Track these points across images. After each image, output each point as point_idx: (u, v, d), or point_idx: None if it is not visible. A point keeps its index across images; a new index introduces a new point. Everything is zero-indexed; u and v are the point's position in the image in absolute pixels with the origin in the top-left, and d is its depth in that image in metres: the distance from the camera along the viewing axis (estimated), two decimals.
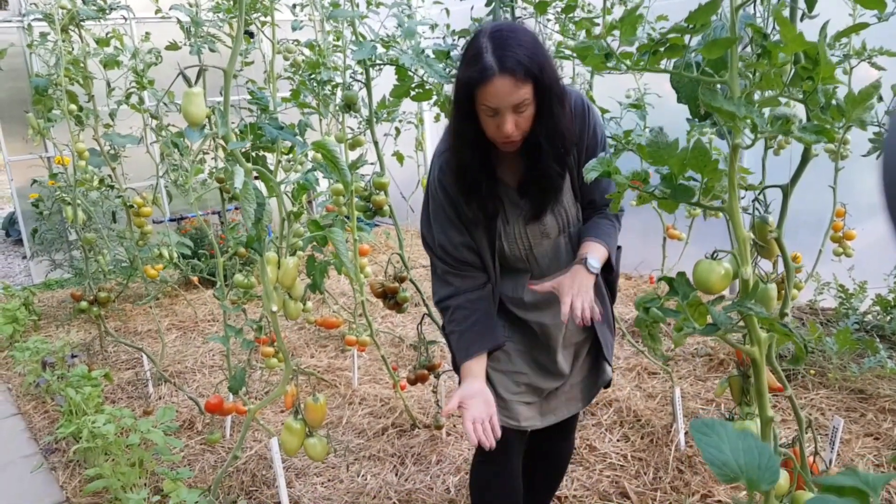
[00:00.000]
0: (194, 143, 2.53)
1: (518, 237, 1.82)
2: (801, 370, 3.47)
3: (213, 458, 3.13)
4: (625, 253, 2.02)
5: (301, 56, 3.90)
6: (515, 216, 1.80)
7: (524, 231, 1.82)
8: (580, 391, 2.03)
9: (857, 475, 0.64)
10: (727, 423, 0.66)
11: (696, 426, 0.68)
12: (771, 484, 0.62)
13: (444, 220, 1.81)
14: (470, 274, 1.84)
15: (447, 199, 1.79)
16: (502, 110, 1.55)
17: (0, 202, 11.55)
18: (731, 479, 0.63)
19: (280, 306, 1.96)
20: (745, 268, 1.19)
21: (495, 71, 1.51)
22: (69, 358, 3.95)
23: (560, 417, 2.01)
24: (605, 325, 1.98)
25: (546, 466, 2.26)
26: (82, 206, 3.66)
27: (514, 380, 1.92)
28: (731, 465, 0.63)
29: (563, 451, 2.26)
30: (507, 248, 1.83)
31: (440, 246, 1.83)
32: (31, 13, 3.71)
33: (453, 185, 1.76)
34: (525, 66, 1.51)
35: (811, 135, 1.06)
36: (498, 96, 1.53)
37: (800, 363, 1.24)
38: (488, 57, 1.52)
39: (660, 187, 1.20)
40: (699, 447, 0.65)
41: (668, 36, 1.09)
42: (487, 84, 1.52)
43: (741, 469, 0.63)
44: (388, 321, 4.75)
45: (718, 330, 1.12)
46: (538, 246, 1.84)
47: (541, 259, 1.86)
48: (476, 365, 1.77)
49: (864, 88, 1.12)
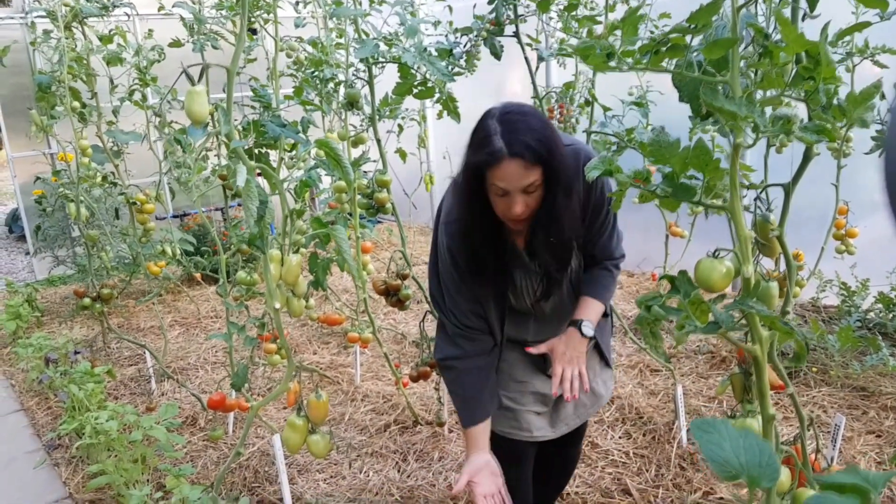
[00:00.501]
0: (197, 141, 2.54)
1: (525, 292, 1.85)
2: (804, 368, 3.48)
3: (215, 455, 3.14)
4: (628, 250, 2.03)
5: (304, 53, 3.90)
6: (524, 276, 1.83)
7: (532, 291, 1.85)
8: (588, 398, 2.04)
9: (858, 473, 0.65)
10: (728, 421, 0.67)
11: (698, 425, 0.69)
12: (771, 482, 0.62)
13: (452, 286, 1.83)
14: (478, 337, 1.85)
15: (454, 266, 1.80)
16: (512, 192, 1.56)
17: (3, 198, 11.58)
18: (732, 477, 0.64)
19: (283, 303, 1.97)
20: (746, 266, 1.19)
21: (504, 154, 1.51)
22: (72, 354, 3.96)
23: (572, 427, 2.03)
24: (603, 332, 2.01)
25: (555, 471, 2.29)
26: (85, 202, 3.66)
27: (520, 389, 1.94)
28: (731, 463, 0.64)
29: (572, 456, 2.30)
30: (513, 302, 1.87)
31: (450, 310, 1.84)
32: (35, 10, 3.72)
33: (462, 254, 1.78)
34: (534, 151, 1.52)
35: (812, 134, 1.06)
36: (507, 179, 1.54)
37: (801, 361, 1.24)
38: (497, 140, 1.52)
39: (661, 186, 1.20)
40: (700, 445, 0.66)
41: (670, 36, 1.10)
42: (496, 167, 1.53)
43: (742, 467, 0.63)
44: (391, 318, 4.76)
45: (720, 328, 1.12)
46: (544, 298, 1.88)
47: (545, 307, 1.90)
48: (481, 433, 1.81)
49: (866, 88, 1.13)
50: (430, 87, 2.61)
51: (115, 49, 3.75)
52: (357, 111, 2.73)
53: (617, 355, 3.87)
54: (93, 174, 3.57)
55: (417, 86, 2.61)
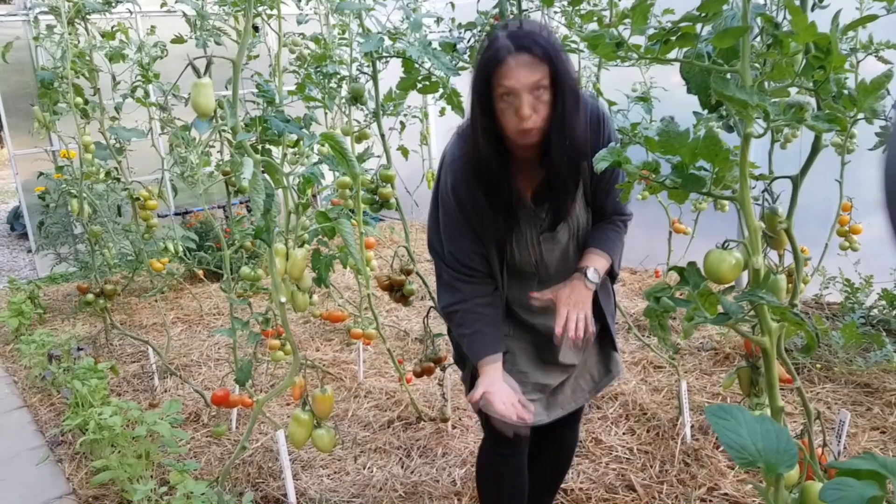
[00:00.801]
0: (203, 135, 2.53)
1: (530, 245, 1.82)
2: (808, 364, 3.47)
3: (219, 451, 3.14)
4: (630, 247, 2.02)
5: (307, 49, 3.90)
6: (529, 225, 1.80)
7: (536, 240, 1.81)
8: (586, 382, 2.03)
9: (875, 459, 0.64)
10: (742, 407, 0.67)
11: (713, 411, 0.68)
12: (789, 467, 0.62)
13: (454, 229, 1.80)
14: (479, 280, 1.83)
15: (459, 207, 1.77)
16: (519, 92, 1.54)
17: (5, 196, 11.58)
18: (749, 463, 0.63)
19: (288, 298, 1.96)
20: (756, 257, 1.18)
21: (511, 50, 1.53)
22: (75, 351, 3.96)
23: (566, 411, 2.01)
24: (611, 317, 1.99)
25: (551, 457, 2.26)
26: (88, 199, 3.66)
27: (519, 380, 1.92)
28: (748, 449, 0.63)
29: (567, 441, 2.25)
30: (517, 256, 1.83)
31: (449, 253, 1.82)
32: (37, 6, 3.71)
33: (469, 190, 1.75)
34: (542, 47, 1.53)
35: (824, 123, 1.06)
36: (515, 76, 1.53)
37: (811, 353, 1.24)
38: (503, 40, 1.54)
39: (670, 177, 1.19)
40: (717, 431, 0.65)
41: (680, 25, 1.09)
42: (503, 64, 1.53)
43: (759, 453, 0.63)
44: (393, 315, 4.76)
45: (730, 319, 1.11)
46: (548, 253, 1.84)
47: (550, 265, 1.85)
48: (491, 368, 1.78)
49: (877, 78, 1.12)
50: (434, 81, 2.61)
51: (117, 45, 3.75)
52: (361, 106, 2.72)
53: (620, 352, 3.85)
54: (96, 170, 3.57)
55: (421, 81, 2.61)
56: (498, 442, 2.00)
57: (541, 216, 1.79)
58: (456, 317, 1.83)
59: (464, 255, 1.79)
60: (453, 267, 1.82)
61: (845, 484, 0.61)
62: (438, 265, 1.88)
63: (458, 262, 1.80)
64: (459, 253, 1.80)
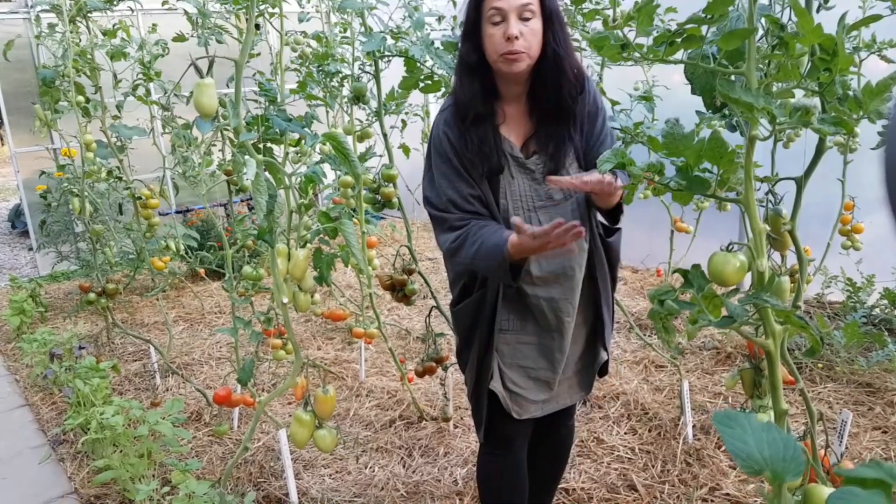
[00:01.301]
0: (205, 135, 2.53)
1: (522, 197, 1.80)
2: (809, 364, 3.47)
3: (220, 450, 3.14)
4: (632, 246, 2.01)
5: (308, 48, 3.89)
6: (520, 174, 1.79)
7: (529, 191, 1.80)
8: (580, 380, 2.04)
9: (881, 467, 0.64)
10: (751, 415, 0.66)
11: (720, 418, 0.68)
12: (796, 476, 0.62)
13: (450, 173, 1.78)
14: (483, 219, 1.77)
15: (452, 150, 1.77)
16: (508, 13, 1.61)
17: (6, 194, 11.58)
18: (756, 472, 0.63)
19: (290, 298, 1.96)
20: (760, 260, 1.18)
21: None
22: (76, 349, 3.95)
23: (561, 405, 2.02)
24: (607, 307, 1.98)
25: (549, 452, 2.26)
26: (90, 197, 3.66)
27: (525, 374, 1.91)
28: (755, 458, 0.63)
29: (563, 437, 2.26)
30: (511, 209, 1.79)
31: (449, 200, 1.77)
32: (39, 4, 3.71)
33: (458, 135, 1.76)
34: None
35: (830, 126, 1.05)
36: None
37: (815, 355, 1.23)
38: None
39: (675, 179, 1.19)
40: (724, 439, 0.65)
41: (686, 26, 1.09)
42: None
43: (766, 461, 0.62)
44: (395, 314, 4.75)
45: (734, 322, 1.11)
46: (542, 209, 1.81)
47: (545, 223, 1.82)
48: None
49: (883, 80, 1.11)
50: (436, 80, 2.61)
51: (118, 44, 3.74)
52: (363, 105, 2.72)
53: (622, 351, 3.86)
54: (97, 169, 3.57)
55: (424, 80, 2.61)
56: (497, 441, 2.02)
57: (531, 168, 1.79)
58: (467, 239, 1.73)
59: (463, 199, 1.77)
60: (454, 213, 1.77)
61: (851, 493, 0.61)
62: (439, 217, 1.81)
63: (457, 207, 1.77)
64: (458, 198, 1.77)
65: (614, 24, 1.09)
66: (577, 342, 1.96)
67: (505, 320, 1.89)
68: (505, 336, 1.90)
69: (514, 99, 1.78)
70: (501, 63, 1.66)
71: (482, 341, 1.89)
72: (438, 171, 1.81)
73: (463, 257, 1.75)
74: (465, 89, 1.73)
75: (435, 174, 1.82)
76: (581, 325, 1.95)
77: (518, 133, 1.80)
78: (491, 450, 2.07)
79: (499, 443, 2.02)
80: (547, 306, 1.84)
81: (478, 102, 1.73)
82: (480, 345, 1.90)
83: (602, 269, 1.93)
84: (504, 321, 1.89)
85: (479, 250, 1.70)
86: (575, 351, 1.97)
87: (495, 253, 1.66)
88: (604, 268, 1.94)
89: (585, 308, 1.93)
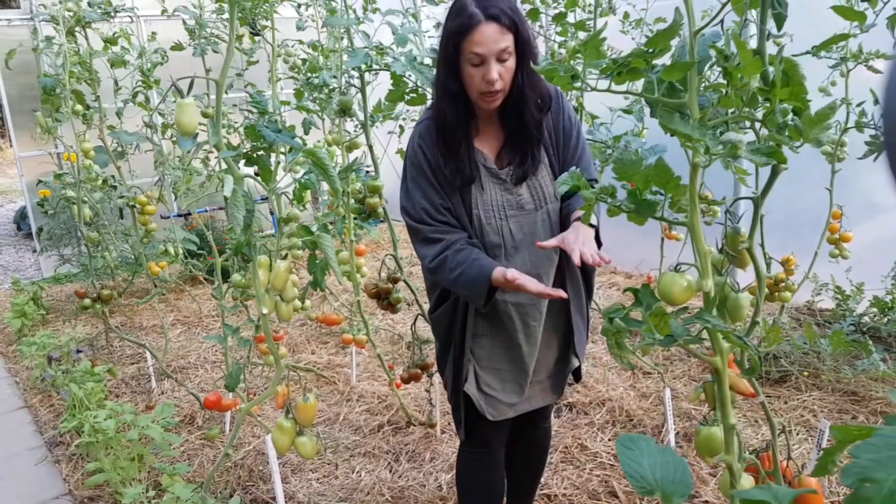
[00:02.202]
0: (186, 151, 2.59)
1: (494, 207, 1.87)
2: (795, 371, 3.50)
3: (212, 453, 3.20)
4: (625, 252, 2.07)
5: (300, 59, 3.96)
6: (492, 184, 1.87)
7: (500, 200, 1.87)
8: (552, 384, 2.11)
9: (769, 490, 0.69)
10: (650, 439, 0.71)
11: (622, 441, 0.73)
12: (682, 497, 0.66)
13: (424, 184, 1.87)
14: (455, 230, 1.87)
15: (426, 162, 1.86)
16: (487, 58, 1.67)
17: (13, 195, 11.69)
18: (648, 492, 0.68)
19: (271, 308, 2.01)
20: (705, 280, 1.23)
21: (481, 19, 1.64)
22: (74, 353, 4.03)
23: (533, 406, 2.09)
24: (580, 315, 2.03)
25: (525, 452, 2.34)
26: (89, 203, 3.73)
27: (498, 377, 1.99)
28: (647, 479, 0.68)
29: (540, 437, 2.33)
30: (483, 218, 1.87)
31: (423, 209, 1.86)
32: (39, 15, 3.78)
33: (433, 147, 1.85)
34: (508, 16, 1.65)
35: (762, 157, 1.10)
36: (484, 43, 1.65)
37: (754, 374, 1.28)
38: (473, 8, 1.65)
39: (625, 203, 1.24)
40: (621, 460, 0.70)
41: (629, 59, 1.13)
42: (474, 32, 1.65)
43: (657, 483, 0.67)
44: (389, 318, 4.80)
45: (675, 341, 1.16)
46: (514, 218, 1.88)
47: (516, 233, 1.88)
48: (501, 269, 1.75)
49: (821, 110, 1.16)
50: (421, 94, 2.66)
51: (118, 52, 3.81)
52: (350, 117, 2.77)
53: (609, 357, 3.90)
54: (94, 177, 3.64)
55: (409, 93, 2.66)
56: (475, 442, 2.10)
57: (504, 178, 1.87)
58: (445, 262, 1.82)
59: (435, 209, 1.86)
60: (428, 223, 1.86)
61: None
62: (415, 228, 1.90)
63: (431, 217, 1.86)
64: (431, 208, 1.86)
65: (561, 58, 1.14)
66: (550, 347, 2.03)
67: (480, 325, 1.96)
68: (481, 340, 1.98)
69: (487, 116, 1.88)
70: (480, 101, 1.77)
71: (457, 345, 1.98)
72: (413, 182, 1.90)
73: (442, 278, 1.86)
74: (451, 115, 1.81)
75: (410, 185, 1.91)
76: (552, 332, 2.01)
77: (491, 146, 1.90)
78: (468, 448, 2.16)
79: (476, 443, 2.11)
80: (515, 311, 1.91)
81: (456, 126, 1.82)
82: (456, 348, 1.98)
83: (574, 278, 1.99)
84: (479, 326, 1.96)
85: (459, 277, 1.79)
86: (548, 356, 2.04)
87: (479, 284, 1.77)
88: (576, 277, 1.99)
89: (557, 315, 2.00)
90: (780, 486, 0.67)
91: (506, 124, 1.86)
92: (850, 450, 0.57)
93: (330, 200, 3.25)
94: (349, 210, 2.82)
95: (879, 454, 0.56)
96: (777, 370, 3.53)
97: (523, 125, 1.82)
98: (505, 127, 1.87)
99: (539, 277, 1.88)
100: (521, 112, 1.80)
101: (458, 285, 1.82)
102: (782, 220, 4.28)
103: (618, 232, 1.98)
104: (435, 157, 1.85)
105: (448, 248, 1.83)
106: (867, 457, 0.56)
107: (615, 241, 2.04)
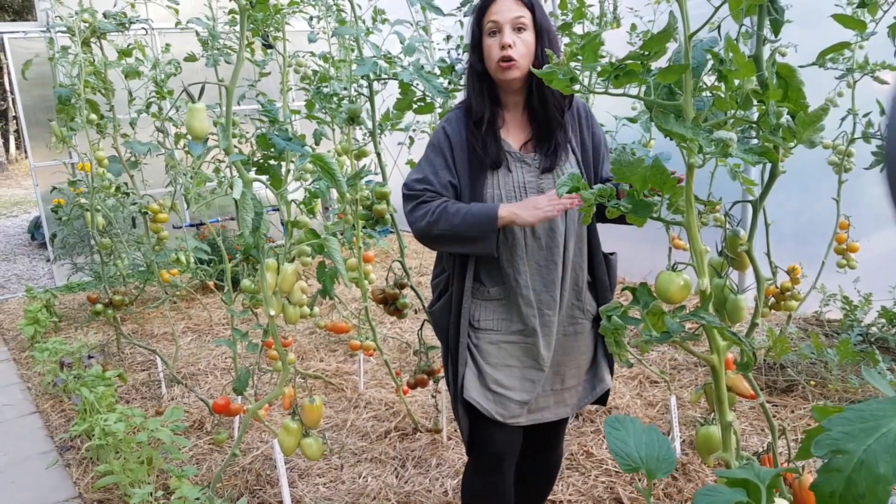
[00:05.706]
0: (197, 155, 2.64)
1: (516, 188, 1.91)
2: (802, 381, 3.50)
3: (220, 458, 3.23)
4: (635, 261, 2.10)
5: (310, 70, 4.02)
6: (518, 168, 1.93)
7: (524, 181, 1.91)
8: (571, 396, 2.05)
9: (752, 469, 0.71)
10: (636, 420, 0.74)
11: (610, 421, 0.75)
12: (666, 473, 0.69)
13: (438, 162, 1.94)
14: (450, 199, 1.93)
15: (447, 142, 1.94)
16: (502, 25, 1.82)
17: (28, 206, 11.83)
18: (633, 469, 0.70)
19: (279, 311, 2.05)
20: (702, 280, 1.25)
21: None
22: (86, 359, 4.08)
23: (545, 419, 2.02)
24: None
25: (536, 477, 2.28)
26: (102, 211, 3.79)
27: (510, 374, 1.95)
28: (633, 456, 0.70)
29: (551, 460, 2.27)
30: (504, 198, 1.91)
31: (425, 179, 1.93)
32: (56, 26, 3.86)
33: (458, 130, 1.93)
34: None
35: (754, 156, 1.13)
36: (499, 12, 1.83)
37: (748, 370, 1.30)
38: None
39: (622, 203, 1.27)
40: (607, 439, 0.72)
41: (626, 62, 1.17)
42: (492, 4, 1.84)
43: (641, 460, 0.70)
44: (397, 327, 4.83)
45: (671, 338, 1.18)
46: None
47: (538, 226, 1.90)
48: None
49: (814, 111, 1.19)
50: (429, 102, 2.71)
51: (132, 63, 3.89)
52: (359, 126, 2.82)
53: (617, 366, 3.91)
54: (108, 185, 3.70)
55: (417, 101, 2.71)
56: (483, 464, 2.05)
57: (530, 162, 1.93)
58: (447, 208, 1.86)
59: (440, 184, 1.92)
60: (428, 193, 1.91)
61: (717, 490, 0.69)
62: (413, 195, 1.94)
63: (430, 185, 1.92)
64: (436, 181, 1.92)
65: (559, 61, 1.17)
66: (578, 350, 2.01)
67: (487, 320, 1.96)
68: (489, 335, 1.95)
69: (514, 107, 1.96)
70: (498, 71, 1.86)
71: (453, 338, 1.98)
72: (427, 159, 1.98)
73: (446, 225, 1.86)
74: (476, 95, 1.93)
75: (422, 161, 1.99)
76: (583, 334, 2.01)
77: (517, 138, 1.96)
78: (477, 468, 2.08)
79: (485, 464, 2.04)
80: (533, 295, 1.92)
81: (483, 109, 1.91)
82: (451, 342, 1.98)
83: (602, 277, 2.03)
84: (487, 321, 1.95)
85: (466, 215, 1.84)
86: (573, 360, 2.01)
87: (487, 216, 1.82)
88: (604, 276, 2.04)
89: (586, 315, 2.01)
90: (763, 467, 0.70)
91: (532, 116, 1.93)
92: (822, 423, 0.59)
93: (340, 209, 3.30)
94: (357, 217, 2.86)
95: (851, 426, 0.58)
96: (784, 379, 3.53)
97: (548, 115, 1.89)
98: (531, 120, 1.94)
99: (553, 263, 1.92)
100: (546, 101, 1.88)
101: (465, 224, 1.83)
102: (793, 231, 4.29)
103: (628, 243, 2.02)
104: (459, 134, 1.93)
105: (444, 201, 1.90)
106: (839, 429, 0.58)
107: (627, 252, 2.08)
